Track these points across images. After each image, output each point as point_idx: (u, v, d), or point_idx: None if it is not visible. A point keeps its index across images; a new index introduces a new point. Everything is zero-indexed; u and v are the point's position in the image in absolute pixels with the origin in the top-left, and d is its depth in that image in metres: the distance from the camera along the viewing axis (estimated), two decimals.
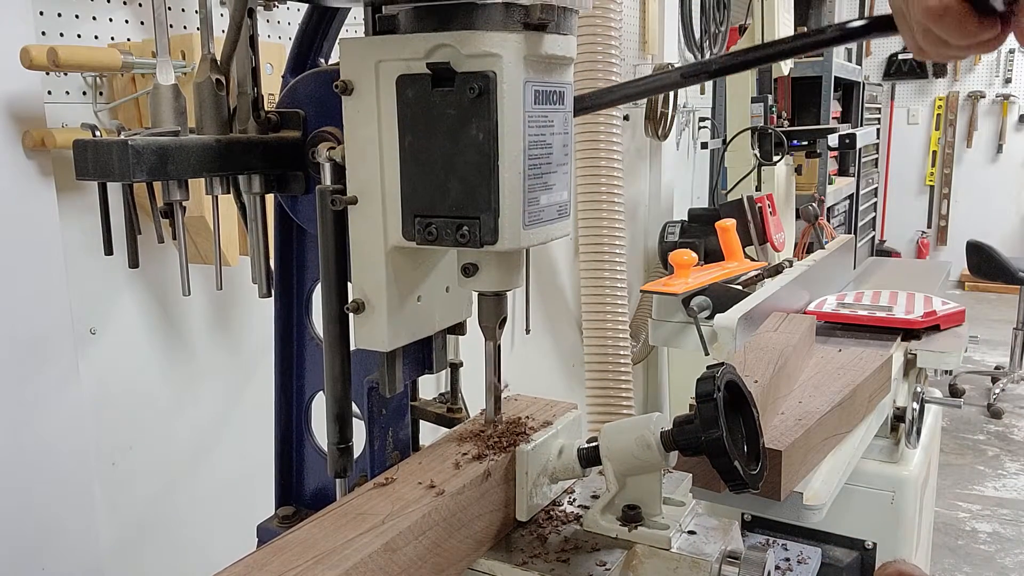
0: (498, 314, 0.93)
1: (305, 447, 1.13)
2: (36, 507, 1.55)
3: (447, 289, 1.00)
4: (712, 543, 0.89)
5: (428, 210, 0.83)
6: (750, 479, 0.85)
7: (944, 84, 8.23)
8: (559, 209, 0.88)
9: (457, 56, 0.78)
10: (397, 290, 0.90)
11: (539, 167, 0.83)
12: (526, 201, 0.82)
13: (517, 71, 0.79)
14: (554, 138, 0.85)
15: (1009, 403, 5.17)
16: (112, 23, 1.63)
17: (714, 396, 0.84)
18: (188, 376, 1.87)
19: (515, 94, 0.79)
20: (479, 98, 0.78)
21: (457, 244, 0.82)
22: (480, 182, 0.80)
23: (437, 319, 1.00)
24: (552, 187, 0.86)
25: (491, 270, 0.88)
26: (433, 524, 0.83)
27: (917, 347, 1.88)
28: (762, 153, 3.51)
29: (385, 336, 0.90)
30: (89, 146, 0.85)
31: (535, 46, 0.80)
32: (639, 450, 0.89)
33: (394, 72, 0.82)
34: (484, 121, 0.78)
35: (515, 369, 3.05)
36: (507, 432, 0.98)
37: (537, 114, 0.82)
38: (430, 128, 0.81)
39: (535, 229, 0.84)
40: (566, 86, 0.87)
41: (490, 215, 0.80)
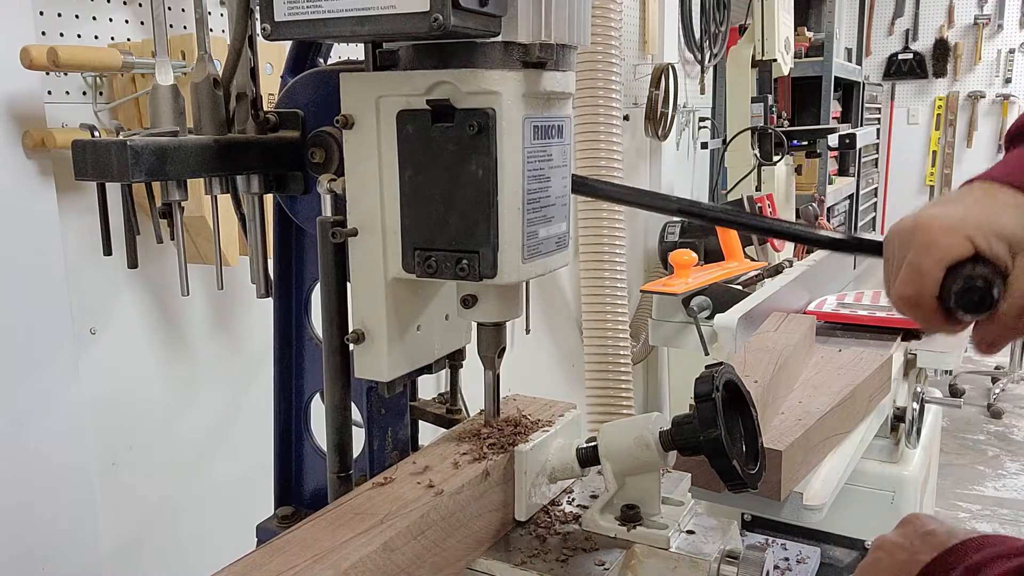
0: (497, 344, 0.95)
1: (304, 447, 1.13)
2: (36, 507, 1.55)
3: (446, 317, 1.01)
4: (711, 543, 0.89)
5: (428, 243, 0.84)
6: (749, 479, 0.85)
7: (944, 84, 8.23)
8: (558, 240, 0.90)
9: (457, 93, 0.79)
10: (397, 321, 0.92)
11: (538, 201, 0.84)
12: (525, 235, 0.83)
13: (516, 108, 0.80)
14: (553, 171, 0.87)
15: (1009, 403, 5.17)
16: (112, 23, 1.63)
17: (712, 396, 0.84)
18: (188, 376, 1.87)
19: (514, 131, 0.80)
20: (479, 135, 0.79)
21: (456, 277, 0.83)
22: (479, 217, 0.81)
23: (436, 347, 1.01)
24: (551, 220, 0.87)
25: (490, 302, 0.89)
26: (432, 524, 0.83)
27: (917, 347, 1.88)
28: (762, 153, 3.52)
29: (385, 366, 0.92)
30: (88, 146, 0.85)
31: (534, 84, 0.81)
32: (638, 450, 0.90)
33: (394, 108, 0.83)
34: (483, 157, 0.79)
35: (515, 369, 3.03)
36: (506, 432, 0.99)
37: (536, 149, 0.83)
38: (430, 163, 0.82)
39: (534, 262, 0.85)
40: (565, 119, 0.88)
41: (489, 249, 0.81)
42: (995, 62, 7.98)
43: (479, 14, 0.74)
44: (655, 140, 3.90)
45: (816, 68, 4.99)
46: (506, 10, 0.76)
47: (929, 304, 0.76)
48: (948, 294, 0.75)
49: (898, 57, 8.24)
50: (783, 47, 3.63)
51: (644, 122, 3.82)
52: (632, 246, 3.85)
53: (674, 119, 3.86)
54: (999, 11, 7.87)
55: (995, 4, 7.88)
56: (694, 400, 0.86)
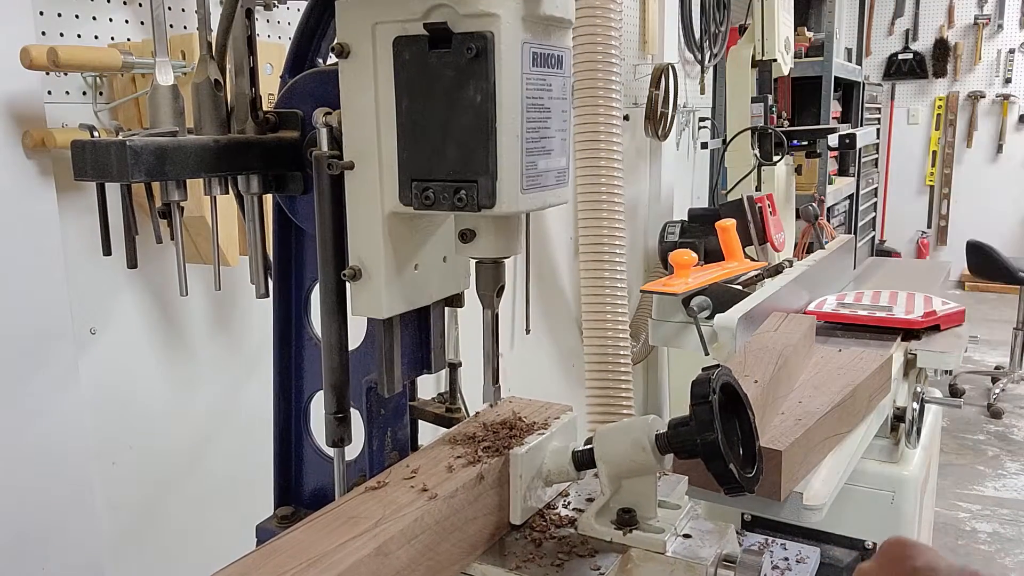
0: (496, 281, 0.92)
1: (304, 447, 1.13)
2: (36, 507, 1.55)
3: (444, 259, 0.99)
4: (708, 547, 0.88)
5: (425, 174, 0.82)
6: (746, 482, 0.84)
7: (944, 84, 8.23)
8: (557, 175, 0.87)
9: (455, 16, 0.78)
10: (394, 257, 0.90)
11: (537, 131, 0.82)
12: (524, 165, 0.81)
13: (515, 32, 0.78)
14: (552, 102, 0.84)
15: (1009, 403, 5.17)
16: (112, 23, 1.63)
17: (709, 398, 0.83)
18: (188, 376, 1.87)
19: (513, 55, 0.78)
20: (476, 59, 0.77)
21: (454, 208, 0.81)
22: (477, 145, 0.79)
23: (434, 289, 0.99)
24: (550, 152, 0.85)
25: (489, 236, 0.87)
26: (426, 528, 0.82)
27: (917, 347, 1.88)
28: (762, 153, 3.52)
29: (383, 303, 0.90)
30: (87, 146, 0.85)
31: (533, 6, 0.79)
32: (634, 453, 0.89)
33: (391, 34, 0.81)
34: (482, 83, 0.77)
35: (515, 369, 3.05)
36: (501, 435, 0.98)
37: (535, 77, 0.81)
38: (427, 91, 0.80)
39: (533, 194, 0.84)
40: (564, 50, 0.86)
41: (488, 178, 0.79)
42: (995, 62, 7.98)
43: None
44: (655, 140, 3.90)
45: (816, 68, 4.99)
46: None
47: None
48: None
49: (898, 57, 8.24)
50: (783, 47, 3.63)
51: (644, 122, 3.82)
52: (632, 246, 3.85)
53: (674, 119, 3.86)
54: (999, 11, 7.87)
55: (995, 4, 7.88)
56: (691, 403, 0.85)
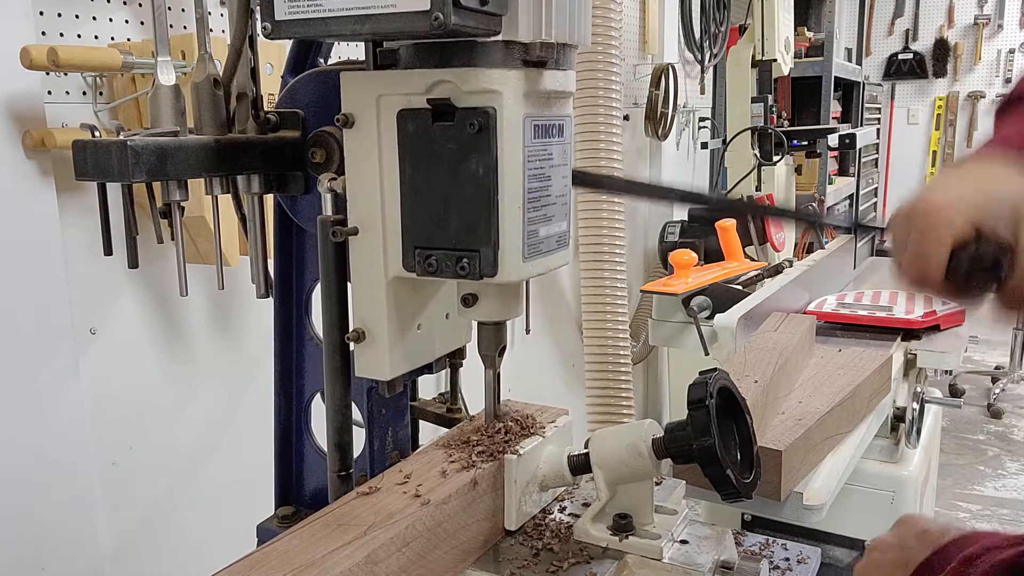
0: (498, 343, 0.94)
1: (305, 447, 1.13)
2: (36, 507, 1.55)
3: (447, 316, 1.01)
4: (705, 553, 0.87)
5: (428, 242, 0.84)
6: (743, 488, 0.83)
7: (944, 84, 8.23)
8: (558, 239, 0.89)
9: (457, 92, 0.79)
10: (398, 320, 0.91)
11: (539, 200, 0.84)
12: (526, 234, 0.83)
13: (517, 107, 0.79)
14: (553, 170, 0.86)
15: (1009, 403, 5.17)
16: (112, 23, 1.63)
17: (706, 402, 0.82)
18: (188, 376, 1.87)
19: (515, 130, 0.80)
20: (479, 134, 0.78)
21: (457, 276, 0.83)
22: (480, 216, 0.81)
23: (437, 346, 1.01)
24: (551, 219, 0.87)
25: (491, 300, 0.89)
26: (417, 535, 0.81)
27: (917, 347, 1.88)
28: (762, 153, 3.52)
29: (386, 366, 0.91)
30: (88, 146, 0.85)
31: (534, 83, 0.81)
32: (630, 458, 0.88)
33: (395, 106, 0.83)
34: (484, 156, 0.79)
35: (515, 369, 3.04)
36: (496, 439, 0.97)
37: (537, 148, 0.83)
38: (430, 162, 0.82)
39: (534, 261, 0.85)
40: (565, 118, 0.88)
41: (490, 248, 0.81)
42: (995, 62, 7.98)
43: (480, 13, 0.73)
44: (655, 140, 3.90)
45: (816, 68, 4.98)
46: (507, 9, 0.76)
47: (937, 284, 0.78)
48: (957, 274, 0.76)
49: (898, 57, 8.24)
50: (783, 47, 3.63)
51: (644, 122, 3.82)
52: (632, 246, 3.85)
53: (674, 119, 3.86)
54: (999, 11, 7.86)
55: (995, 4, 7.88)
56: (687, 407, 0.84)
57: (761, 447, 1.19)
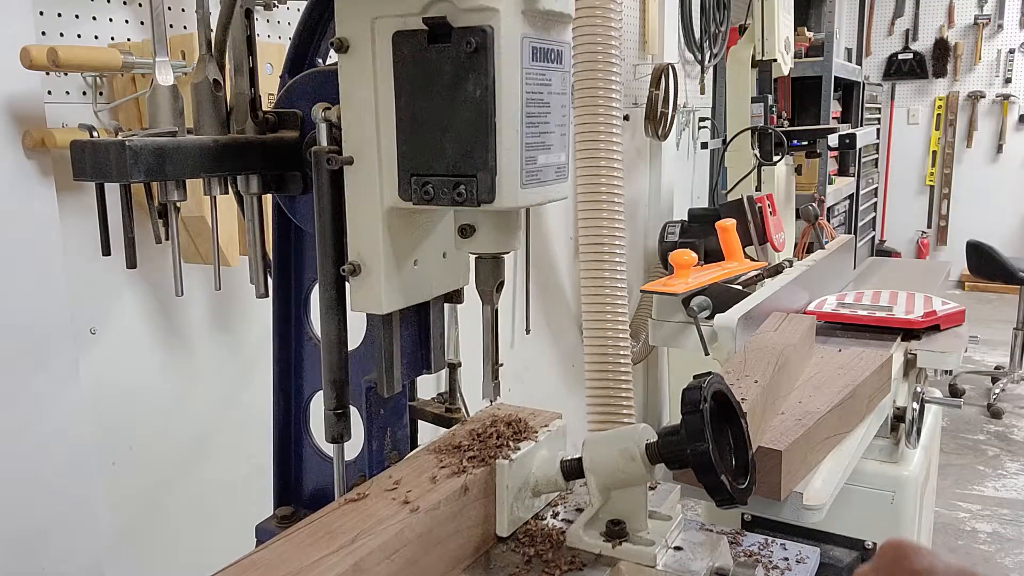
0: (496, 277, 0.91)
1: (304, 447, 1.13)
2: (36, 507, 1.55)
3: (444, 255, 0.98)
4: (699, 559, 0.86)
5: (424, 169, 0.82)
6: (737, 494, 0.82)
7: (944, 84, 8.22)
8: (557, 170, 0.87)
9: (454, 11, 0.77)
10: (394, 253, 0.89)
11: (537, 126, 0.82)
12: (524, 160, 0.81)
13: (515, 26, 0.77)
14: (552, 97, 0.84)
15: (1009, 403, 5.16)
16: (112, 23, 1.63)
17: (700, 407, 0.81)
18: (188, 376, 1.87)
19: (513, 50, 0.78)
20: (476, 53, 0.76)
21: (454, 203, 0.81)
22: (477, 140, 0.78)
23: (434, 284, 0.98)
24: (550, 147, 0.85)
25: (488, 230, 0.86)
26: (406, 542, 0.80)
27: (917, 347, 1.88)
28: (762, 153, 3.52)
29: (382, 298, 0.89)
30: (87, 147, 0.85)
31: (533, 0, 0.79)
32: (623, 463, 0.86)
33: (390, 29, 0.81)
34: (481, 77, 0.77)
35: (515, 369, 3.05)
36: (488, 444, 0.96)
37: (535, 71, 0.81)
38: (427, 86, 0.80)
39: (533, 189, 0.83)
40: (564, 45, 0.85)
41: (487, 173, 0.79)
42: (995, 62, 7.98)
43: None
44: (655, 140, 3.90)
45: (816, 68, 4.99)
46: None
47: None
48: None
49: (898, 57, 8.24)
50: (783, 47, 3.63)
51: (644, 122, 3.82)
52: (632, 246, 3.85)
53: (674, 119, 3.86)
54: (999, 11, 7.86)
55: (995, 4, 7.87)
56: (681, 411, 0.83)
57: (761, 447, 1.19)
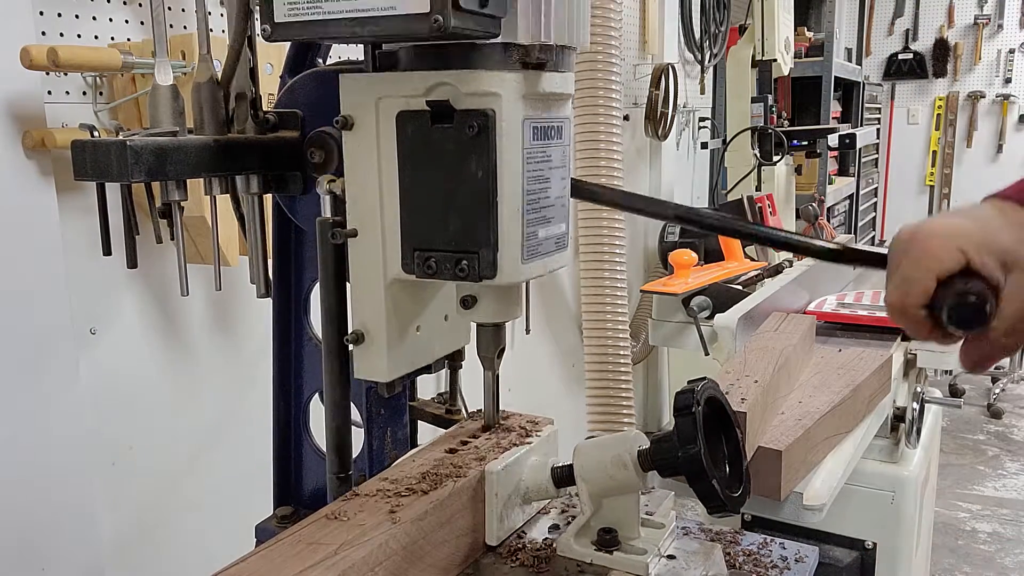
0: (497, 344, 0.94)
1: (303, 447, 1.13)
2: (36, 507, 1.55)
3: (446, 318, 1.00)
4: (693, 568, 0.86)
5: (427, 244, 0.84)
6: (730, 501, 0.81)
7: (944, 84, 8.22)
8: (557, 241, 0.89)
9: (456, 94, 0.79)
10: (396, 321, 0.91)
11: (538, 201, 0.84)
12: (525, 236, 0.83)
13: (516, 109, 0.79)
14: (552, 172, 0.86)
15: (1009, 403, 5.16)
16: (112, 23, 1.63)
17: (692, 410, 0.81)
18: (188, 376, 1.87)
19: (514, 132, 0.80)
20: (478, 136, 0.78)
21: (456, 278, 0.83)
22: (479, 218, 0.80)
23: (436, 348, 1.00)
24: (550, 220, 0.87)
25: (490, 302, 0.88)
26: (391, 554, 0.78)
27: (917, 347, 1.88)
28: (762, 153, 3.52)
29: (385, 367, 0.91)
30: (87, 146, 0.85)
31: (533, 85, 0.81)
32: (615, 470, 0.86)
33: (394, 108, 0.83)
34: (483, 158, 0.79)
35: (515, 369, 3.04)
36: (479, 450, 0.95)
37: (536, 150, 0.83)
38: (430, 164, 0.82)
39: (533, 262, 0.85)
40: (564, 120, 0.88)
41: (489, 250, 0.81)
42: (995, 62, 7.97)
43: (479, 15, 0.73)
44: (655, 140, 3.90)
45: (816, 68, 4.99)
46: (506, 11, 0.76)
47: (915, 313, 0.75)
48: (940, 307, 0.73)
49: (898, 57, 8.24)
50: (783, 47, 3.63)
51: (644, 122, 3.82)
52: (632, 246, 3.85)
53: (674, 119, 3.86)
54: (999, 11, 7.86)
55: (995, 4, 7.87)
56: (674, 414, 0.82)
57: (761, 447, 1.19)
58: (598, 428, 2.98)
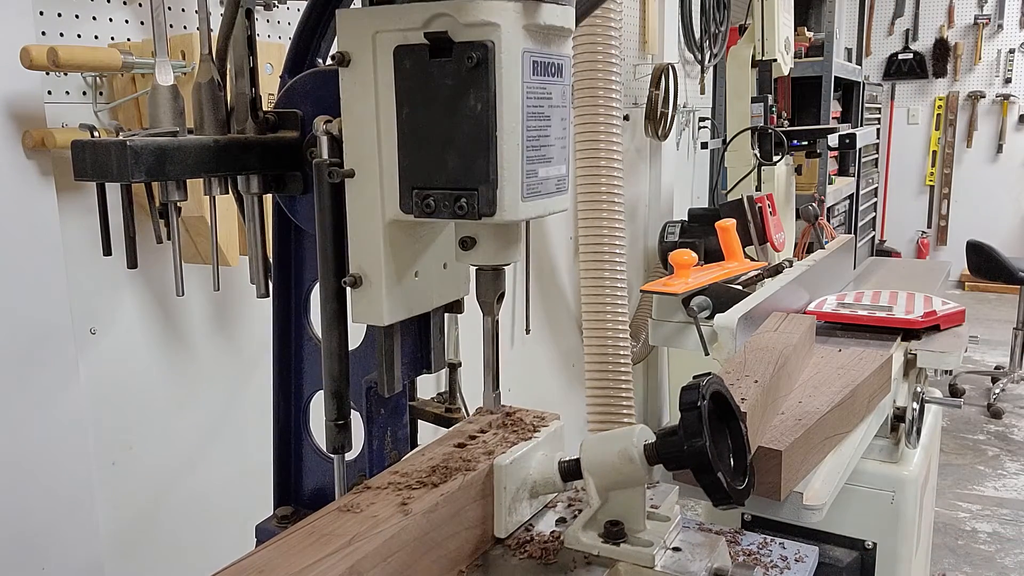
0: (496, 289, 0.92)
1: (304, 447, 1.13)
2: (36, 507, 1.55)
3: (444, 266, 0.99)
4: (698, 560, 0.86)
5: (426, 182, 0.82)
6: (735, 494, 0.82)
7: (944, 84, 8.22)
8: (557, 182, 0.87)
9: (455, 26, 0.77)
10: (395, 264, 0.89)
11: (538, 139, 0.82)
12: (524, 173, 0.81)
13: (516, 41, 0.78)
14: (552, 110, 0.84)
15: (1009, 403, 5.16)
16: (112, 23, 1.63)
17: (698, 405, 0.81)
18: (188, 376, 1.87)
19: (514, 64, 0.78)
20: (477, 68, 0.77)
21: (455, 216, 0.81)
22: (478, 153, 0.79)
23: (435, 295, 0.99)
24: (551, 160, 0.85)
25: (489, 243, 0.86)
26: (403, 545, 0.79)
27: (917, 347, 1.88)
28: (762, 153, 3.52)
29: (383, 310, 0.89)
30: (87, 147, 0.85)
31: (533, 15, 0.79)
32: (621, 464, 0.86)
33: (391, 43, 0.81)
34: (482, 91, 0.77)
35: (515, 369, 3.05)
36: (487, 444, 0.96)
37: (536, 85, 0.81)
38: (428, 99, 0.80)
39: (533, 201, 0.83)
40: (564, 58, 0.86)
41: (488, 187, 0.79)
42: (995, 62, 7.98)
43: None
44: (655, 140, 3.90)
45: (816, 68, 4.99)
46: None
47: None
48: None
49: (898, 57, 8.24)
50: (783, 47, 3.63)
51: (644, 122, 3.82)
52: (632, 246, 3.86)
53: (674, 119, 3.86)
54: (999, 11, 7.86)
55: (995, 4, 7.88)
56: (680, 409, 0.83)
57: (761, 447, 1.19)
58: (598, 428, 2.98)
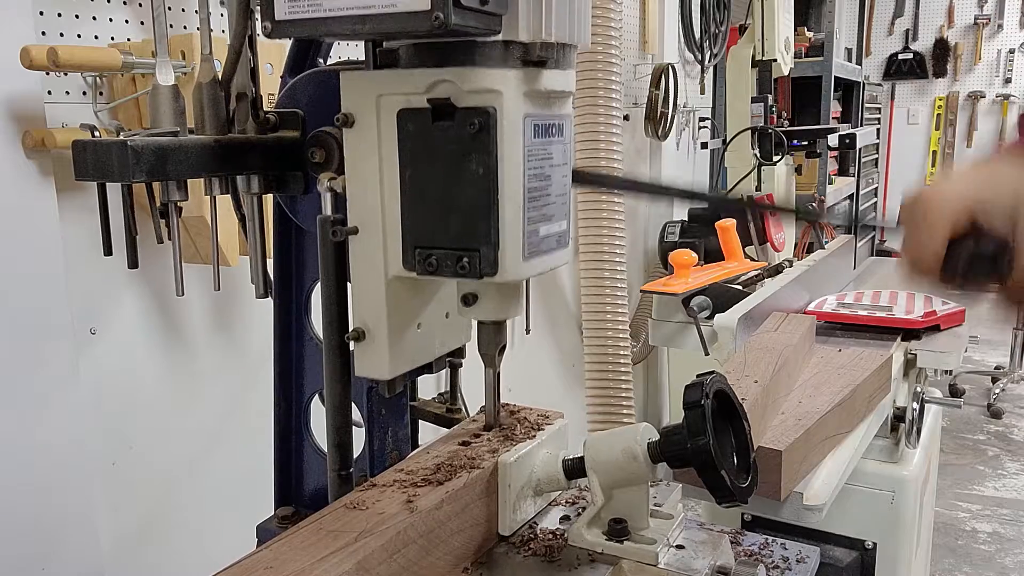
0: (498, 342, 0.94)
1: (304, 447, 1.13)
2: (36, 507, 1.55)
3: (447, 315, 1.00)
4: (701, 558, 0.87)
5: (428, 242, 0.84)
6: (739, 492, 0.83)
7: (944, 84, 8.23)
8: (558, 239, 0.89)
9: (457, 92, 0.79)
10: (397, 319, 0.91)
11: (539, 199, 0.84)
12: (526, 233, 0.83)
13: (517, 107, 0.79)
14: (553, 169, 0.86)
15: (1009, 403, 5.17)
16: (112, 23, 1.63)
17: (702, 403, 0.82)
18: (188, 376, 1.87)
19: (515, 129, 0.79)
20: (479, 133, 0.78)
21: (457, 275, 0.83)
22: (480, 215, 0.80)
23: (437, 345, 1.00)
24: (551, 218, 0.87)
25: (491, 299, 0.88)
26: (409, 541, 0.80)
27: (917, 347, 1.88)
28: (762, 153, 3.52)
29: (386, 365, 0.91)
30: (88, 146, 0.85)
31: (534, 82, 0.81)
32: (625, 462, 0.87)
33: (395, 106, 0.82)
34: (484, 156, 0.79)
35: (515, 369, 3.04)
36: (491, 442, 0.96)
37: (537, 147, 0.83)
38: (431, 161, 0.82)
39: (535, 260, 0.85)
40: (565, 118, 0.88)
41: (490, 248, 0.81)
42: (995, 62, 7.98)
43: (480, 12, 0.73)
44: (655, 140, 3.90)
45: (816, 68, 4.99)
46: (507, 8, 0.76)
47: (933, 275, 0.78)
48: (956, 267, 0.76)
49: (898, 57, 8.25)
50: (783, 47, 3.63)
51: (644, 122, 3.82)
52: (632, 246, 3.85)
53: (674, 119, 3.86)
54: (999, 11, 7.87)
55: (995, 4, 7.88)
56: (683, 407, 0.83)
57: (761, 447, 1.19)
58: (598, 428, 2.98)
